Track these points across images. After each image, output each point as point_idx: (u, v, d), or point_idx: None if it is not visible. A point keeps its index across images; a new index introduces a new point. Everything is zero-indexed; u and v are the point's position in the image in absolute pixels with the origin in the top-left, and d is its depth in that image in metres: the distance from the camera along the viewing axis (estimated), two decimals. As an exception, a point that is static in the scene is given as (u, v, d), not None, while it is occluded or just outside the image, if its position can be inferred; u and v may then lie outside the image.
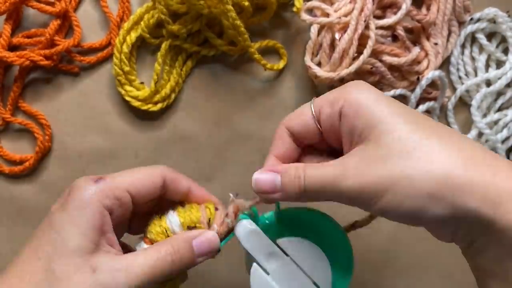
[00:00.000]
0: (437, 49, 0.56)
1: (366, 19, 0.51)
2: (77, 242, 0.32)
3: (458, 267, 0.57)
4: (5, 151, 0.56)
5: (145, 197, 0.37)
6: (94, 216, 0.33)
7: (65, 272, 0.32)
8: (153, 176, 0.37)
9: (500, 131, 0.56)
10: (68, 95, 0.57)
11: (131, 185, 0.36)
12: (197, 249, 0.36)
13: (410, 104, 0.55)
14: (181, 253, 0.35)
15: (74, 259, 0.32)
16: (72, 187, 0.35)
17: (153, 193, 0.37)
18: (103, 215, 0.34)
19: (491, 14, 0.56)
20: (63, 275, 0.32)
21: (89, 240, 0.33)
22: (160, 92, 0.55)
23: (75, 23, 0.55)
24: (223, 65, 0.57)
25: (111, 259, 0.33)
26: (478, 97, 0.55)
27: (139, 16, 0.55)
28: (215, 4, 0.50)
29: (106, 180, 0.35)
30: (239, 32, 0.52)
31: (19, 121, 0.55)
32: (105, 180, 0.35)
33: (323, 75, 0.52)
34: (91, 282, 0.32)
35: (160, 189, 0.37)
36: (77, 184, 0.35)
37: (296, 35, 0.57)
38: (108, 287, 0.32)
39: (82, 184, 0.35)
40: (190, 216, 0.38)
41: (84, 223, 0.33)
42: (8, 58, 0.53)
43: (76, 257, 0.32)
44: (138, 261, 0.33)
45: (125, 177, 0.36)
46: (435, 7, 0.55)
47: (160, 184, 0.37)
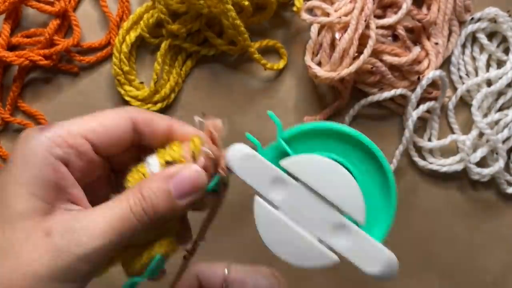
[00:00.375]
0: (437, 48, 0.56)
1: (366, 18, 0.51)
2: (25, 203, 0.27)
3: (458, 267, 0.57)
4: (4, 151, 0.56)
5: (112, 144, 0.31)
6: (42, 170, 0.28)
7: (15, 240, 0.27)
8: (117, 118, 0.31)
9: (501, 131, 0.56)
10: (68, 95, 0.57)
11: (88, 131, 0.30)
12: (175, 190, 0.29)
13: (411, 104, 0.55)
14: (153, 198, 0.28)
15: (23, 223, 0.27)
16: (17, 141, 0.29)
17: (123, 139, 0.31)
18: (56, 167, 0.28)
19: (492, 13, 0.56)
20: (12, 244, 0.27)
21: (40, 199, 0.28)
22: (159, 92, 0.55)
23: (74, 22, 0.55)
24: (223, 65, 0.57)
25: (68, 219, 0.28)
26: (479, 97, 0.55)
27: (138, 15, 0.55)
28: (215, 3, 0.50)
29: (55, 127, 0.29)
30: (239, 32, 0.52)
31: (18, 121, 0.55)
32: (54, 127, 0.29)
33: (323, 75, 0.52)
34: (45, 247, 0.27)
35: (130, 133, 0.32)
36: (21, 136, 0.29)
37: (296, 35, 0.57)
38: (66, 251, 0.27)
39: (26, 135, 0.29)
40: (171, 153, 0.31)
41: (31, 180, 0.28)
42: (8, 58, 0.53)
43: (26, 221, 0.27)
44: (100, 216, 0.28)
45: (80, 122, 0.30)
46: (435, 6, 0.55)
47: (128, 128, 0.31)
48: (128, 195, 0.29)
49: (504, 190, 0.57)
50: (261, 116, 0.57)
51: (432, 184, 0.57)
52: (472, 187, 0.57)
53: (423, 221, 0.57)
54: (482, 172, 0.55)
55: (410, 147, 0.57)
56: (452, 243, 0.57)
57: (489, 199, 0.57)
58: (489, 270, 0.57)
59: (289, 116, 0.57)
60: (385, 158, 0.32)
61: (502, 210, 0.58)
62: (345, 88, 0.55)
